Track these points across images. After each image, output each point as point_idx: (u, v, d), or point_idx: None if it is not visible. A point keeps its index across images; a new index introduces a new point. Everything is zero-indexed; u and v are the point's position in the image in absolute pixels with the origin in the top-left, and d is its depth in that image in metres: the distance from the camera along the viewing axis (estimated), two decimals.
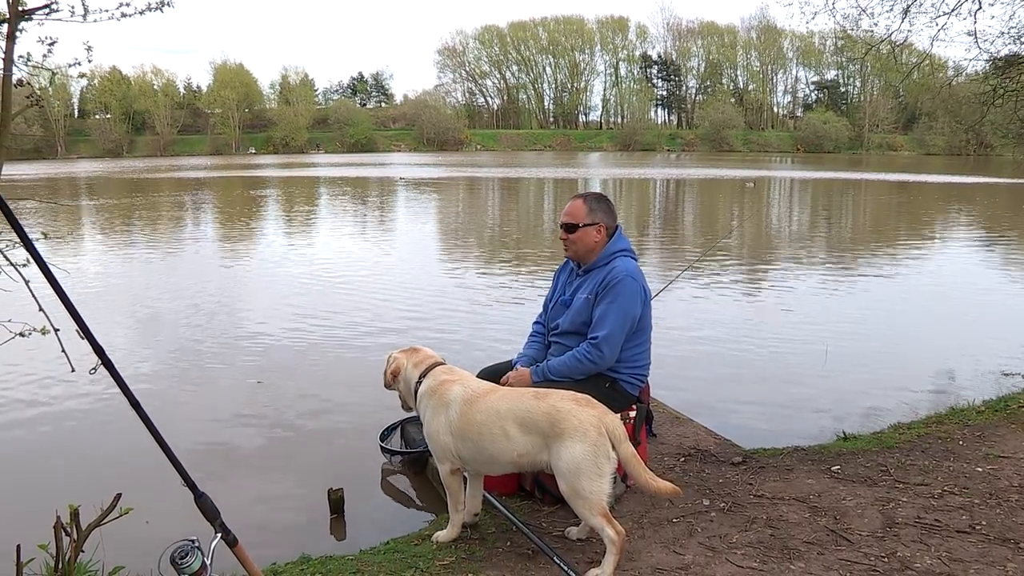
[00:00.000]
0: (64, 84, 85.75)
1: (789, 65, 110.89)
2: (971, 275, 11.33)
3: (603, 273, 3.47)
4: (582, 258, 3.59)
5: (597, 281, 3.46)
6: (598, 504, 2.77)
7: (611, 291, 3.39)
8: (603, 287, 3.42)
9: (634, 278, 3.43)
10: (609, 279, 3.41)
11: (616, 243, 3.56)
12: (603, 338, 3.36)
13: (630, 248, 3.61)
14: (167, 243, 14.92)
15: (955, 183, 33.66)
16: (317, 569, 3.09)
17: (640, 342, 3.54)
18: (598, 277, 3.48)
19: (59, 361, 2.69)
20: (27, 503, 4.07)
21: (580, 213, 3.54)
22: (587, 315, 3.48)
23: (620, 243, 3.58)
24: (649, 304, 3.55)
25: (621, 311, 3.38)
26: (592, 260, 3.55)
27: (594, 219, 3.52)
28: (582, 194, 3.62)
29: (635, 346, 3.51)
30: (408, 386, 3.29)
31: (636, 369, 3.55)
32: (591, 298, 3.46)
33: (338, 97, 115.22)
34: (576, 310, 3.53)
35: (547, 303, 3.85)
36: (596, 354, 3.37)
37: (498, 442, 2.94)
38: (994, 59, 8.12)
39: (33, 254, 1.84)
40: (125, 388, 2.01)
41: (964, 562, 2.87)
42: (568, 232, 3.56)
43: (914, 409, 5.30)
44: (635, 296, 3.41)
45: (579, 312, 3.51)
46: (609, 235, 3.57)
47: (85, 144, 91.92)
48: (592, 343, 3.38)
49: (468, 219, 20.20)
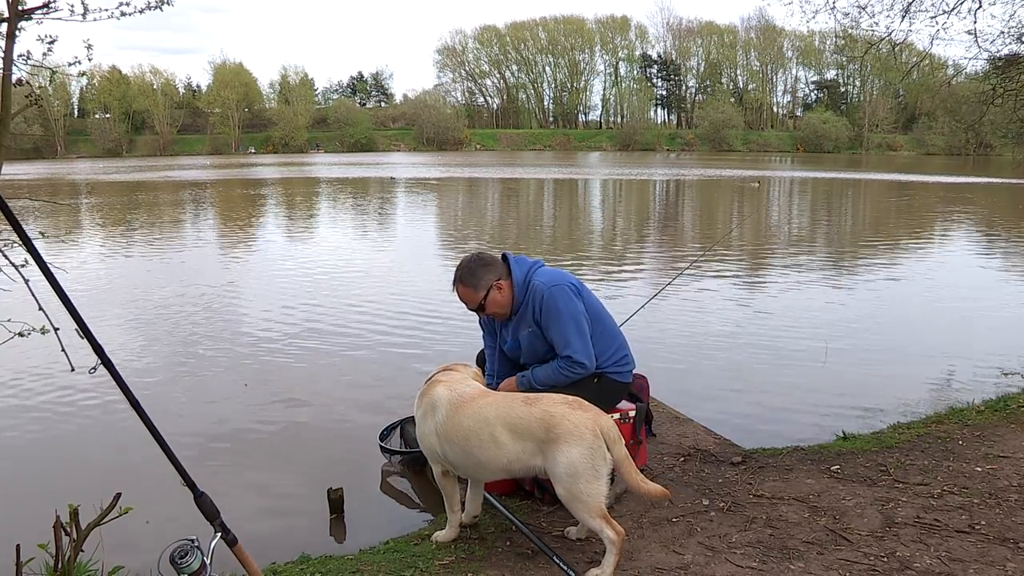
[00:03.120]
0: (64, 83, 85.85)
1: (789, 65, 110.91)
2: (971, 275, 11.33)
3: (529, 301, 3.40)
4: (509, 313, 3.48)
5: (530, 311, 3.40)
6: (596, 506, 2.77)
7: (548, 311, 3.34)
8: (539, 312, 3.37)
9: (556, 284, 3.38)
10: (538, 301, 3.36)
11: (519, 271, 3.43)
12: (574, 352, 3.33)
13: (533, 262, 3.53)
14: (167, 243, 14.92)
15: (955, 183, 33.66)
16: (317, 569, 3.09)
17: (602, 331, 3.50)
18: (528, 308, 3.41)
19: (59, 361, 2.68)
20: (27, 503, 4.06)
21: (471, 295, 3.40)
22: (542, 344, 3.43)
23: (521, 267, 3.46)
24: (585, 292, 3.50)
25: (569, 320, 3.34)
26: (515, 305, 3.45)
27: (486, 285, 3.38)
28: (455, 277, 3.44)
29: (600, 336, 3.48)
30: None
31: (614, 357, 3.52)
32: (535, 329, 3.42)
33: (338, 97, 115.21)
34: (528, 346, 3.48)
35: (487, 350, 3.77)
36: (578, 367, 3.35)
37: (487, 449, 2.90)
38: (994, 58, 8.12)
39: (33, 253, 1.84)
40: (125, 388, 2.01)
41: (963, 562, 2.87)
42: (480, 311, 3.48)
43: (914, 409, 5.30)
44: (568, 298, 3.37)
45: (532, 346, 3.47)
46: (510, 277, 3.43)
47: (85, 144, 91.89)
48: (568, 362, 3.35)
49: (466, 220, 20.21)
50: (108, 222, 19.19)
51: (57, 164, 68.52)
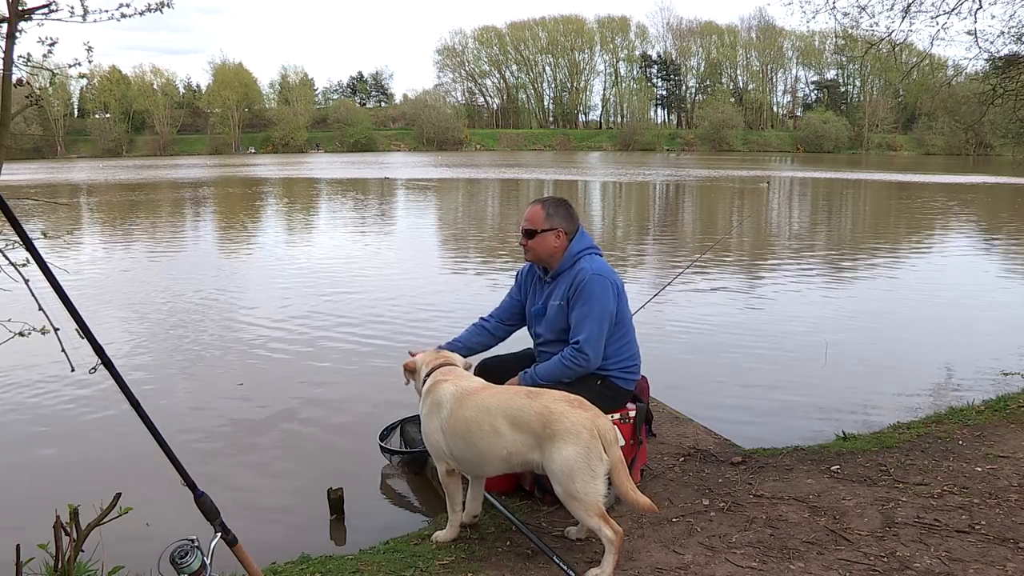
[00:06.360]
0: (64, 84, 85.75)
1: (789, 65, 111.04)
2: (971, 275, 11.33)
3: (571, 276, 3.46)
4: (544, 262, 3.59)
5: (566, 286, 3.46)
6: (594, 505, 2.77)
7: (582, 293, 3.39)
8: (573, 291, 3.42)
9: (601, 275, 3.42)
10: (578, 281, 3.41)
11: (578, 243, 3.54)
12: (584, 341, 3.36)
13: (594, 246, 3.60)
14: (167, 243, 14.92)
15: (955, 183, 33.66)
16: (317, 569, 3.09)
17: (621, 335, 3.54)
18: (566, 282, 3.47)
19: (59, 361, 2.68)
20: (27, 503, 4.07)
21: (538, 219, 3.51)
22: (564, 321, 3.48)
23: (582, 242, 3.56)
24: (623, 297, 3.55)
25: (596, 311, 3.38)
26: (556, 265, 3.55)
27: (552, 224, 3.49)
28: (542, 199, 3.60)
29: (617, 340, 3.51)
30: (419, 385, 3.30)
31: (624, 363, 3.55)
32: (563, 304, 3.47)
33: (337, 97, 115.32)
34: (552, 318, 3.54)
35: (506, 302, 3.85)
36: (581, 357, 3.37)
37: (487, 438, 2.92)
38: (994, 59, 8.13)
39: (33, 254, 1.84)
40: (125, 387, 2.01)
41: (963, 562, 2.87)
42: (527, 238, 3.55)
43: (914, 409, 5.30)
44: (606, 293, 3.41)
45: (555, 319, 3.52)
46: (569, 239, 3.55)
47: (85, 144, 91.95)
48: (575, 348, 3.39)
49: (466, 220, 20.20)
50: (108, 222, 19.18)
51: (57, 164, 68.49)
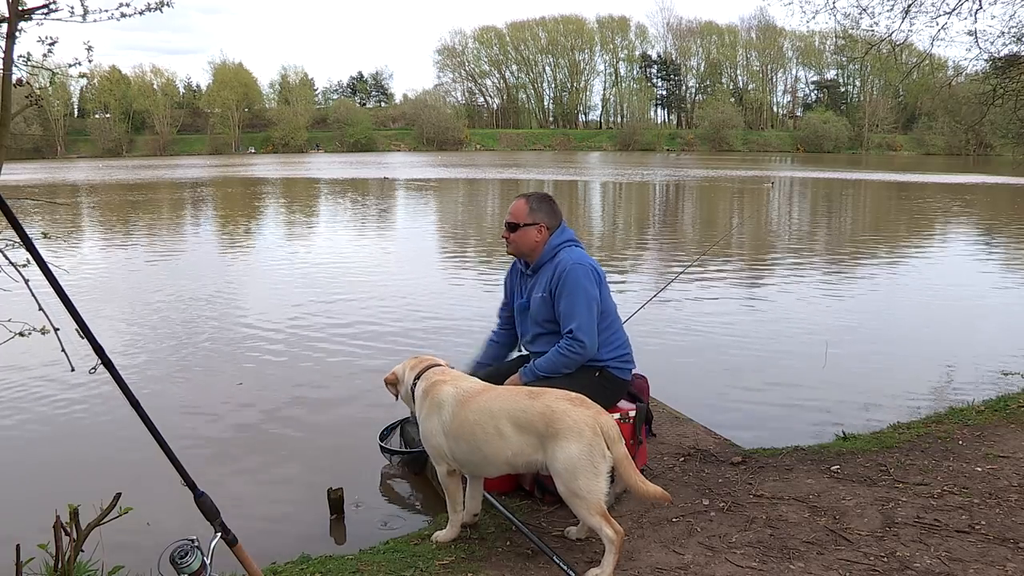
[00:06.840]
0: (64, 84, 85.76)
1: (789, 65, 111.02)
2: (971, 274, 11.32)
3: (552, 268, 3.54)
4: (525, 256, 3.67)
5: (548, 277, 3.53)
6: (596, 504, 2.77)
7: (564, 283, 3.46)
8: (556, 282, 3.49)
9: (581, 263, 3.50)
10: (559, 272, 3.49)
11: (558, 237, 3.62)
12: (577, 328, 3.42)
13: (573, 238, 3.67)
14: (166, 243, 14.92)
15: (955, 183, 33.65)
16: (317, 569, 3.09)
17: (608, 324, 3.60)
18: (547, 273, 3.55)
19: (59, 360, 2.68)
20: (27, 503, 4.06)
21: (521, 213, 3.60)
22: (548, 312, 3.54)
23: (562, 236, 3.63)
24: (605, 285, 3.61)
25: (582, 298, 3.44)
26: (536, 258, 3.62)
27: (535, 219, 3.58)
28: (526, 194, 3.69)
29: (605, 328, 3.57)
30: (406, 391, 3.31)
31: (616, 352, 3.60)
32: (547, 296, 3.53)
33: (337, 97, 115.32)
34: (536, 310, 3.60)
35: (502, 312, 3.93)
36: (577, 345, 3.42)
37: (492, 441, 2.93)
38: (994, 59, 8.13)
39: (33, 254, 1.84)
40: (125, 387, 2.01)
41: (963, 562, 2.87)
42: (510, 231, 3.64)
43: (914, 409, 5.30)
44: (588, 279, 3.48)
45: (539, 311, 3.58)
46: (551, 234, 3.63)
47: (85, 144, 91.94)
48: (570, 336, 3.44)
49: (466, 220, 20.20)
50: (108, 222, 19.18)
51: (57, 164, 68.49)
